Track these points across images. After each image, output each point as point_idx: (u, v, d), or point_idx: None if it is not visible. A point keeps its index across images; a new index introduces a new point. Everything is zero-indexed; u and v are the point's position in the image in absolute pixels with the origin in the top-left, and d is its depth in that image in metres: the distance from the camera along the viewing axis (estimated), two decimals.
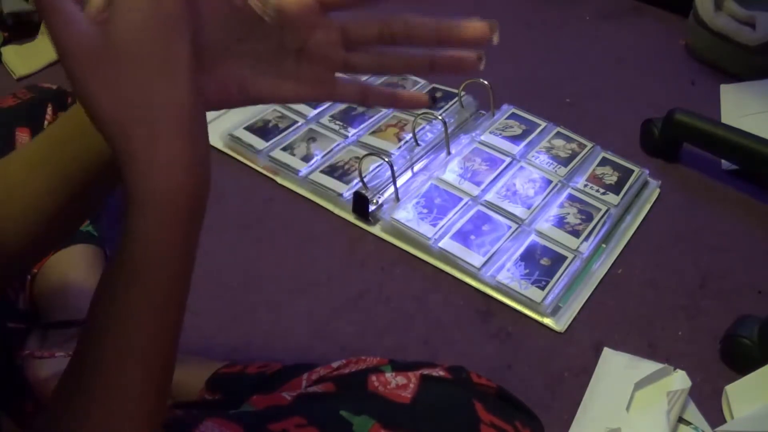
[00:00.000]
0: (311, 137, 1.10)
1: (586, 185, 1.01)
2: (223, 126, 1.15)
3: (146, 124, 0.35)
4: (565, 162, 1.04)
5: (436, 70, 0.45)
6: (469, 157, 1.05)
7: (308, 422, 0.50)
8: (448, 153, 1.06)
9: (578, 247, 0.92)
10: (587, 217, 0.96)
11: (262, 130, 1.12)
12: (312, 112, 1.16)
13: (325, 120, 1.14)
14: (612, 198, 0.98)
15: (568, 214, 0.96)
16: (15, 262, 0.50)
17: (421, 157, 1.07)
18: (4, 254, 0.48)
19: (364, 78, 0.47)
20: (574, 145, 1.07)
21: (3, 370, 0.64)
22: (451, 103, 1.15)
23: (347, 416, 0.49)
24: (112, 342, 0.38)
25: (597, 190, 1.00)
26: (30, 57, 1.37)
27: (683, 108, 1.05)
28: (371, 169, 1.02)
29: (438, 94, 1.18)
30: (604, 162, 1.05)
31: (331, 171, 1.04)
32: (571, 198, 0.99)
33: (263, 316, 0.88)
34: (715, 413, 0.75)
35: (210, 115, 1.26)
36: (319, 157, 1.07)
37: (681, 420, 0.74)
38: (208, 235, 1.00)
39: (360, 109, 1.16)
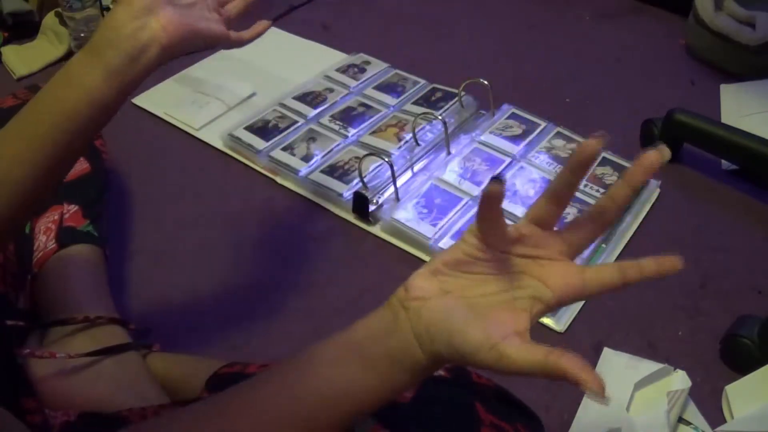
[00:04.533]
0: (311, 137, 1.10)
1: (586, 185, 1.01)
2: (223, 126, 1.15)
3: None
4: (565, 162, 1.04)
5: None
6: (469, 157, 1.05)
7: None
8: (448, 153, 1.06)
9: None
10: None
11: (262, 130, 1.12)
12: (312, 112, 1.16)
13: (325, 120, 1.14)
14: None
15: (568, 214, 0.96)
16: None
17: (421, 157, 1.07)
18: None
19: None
20: (574, 145, 1.07)
21: (3, 369, 0.64)
22: (451, 103, 1.15)
23: None
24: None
25: (597, 190, 1.00)
26: (30, 57, 1.37)
27: (683, 108, 1.05)
28: (371, 169, 1.02)
29: (438, 94, 1.18)
30: (604, 162, 1.05)
31: (331, 171, 1.04)
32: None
33: (263, 316, 0.88)
34: (715, 413, 0.75)
35: (210, 114, 1.27)
36: (319, 157, 1.07)
37: (681, 420, 0.74)
38: (209, 235, 1.00)
39: (360, 109, 1.16)
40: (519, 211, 0.96)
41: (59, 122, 0.54)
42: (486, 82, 1.09)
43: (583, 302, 0.87)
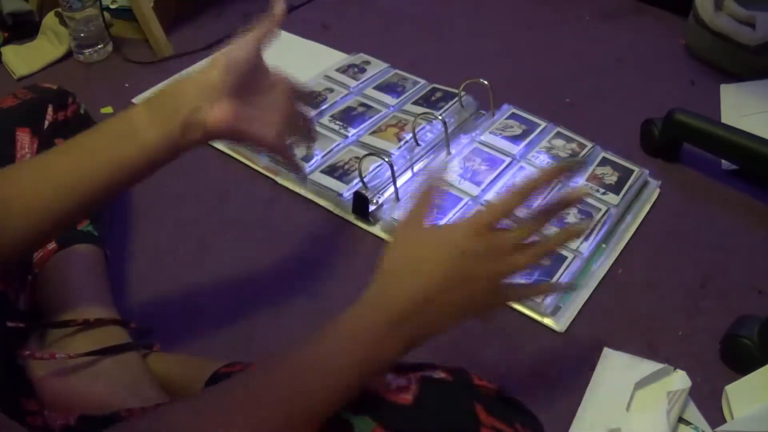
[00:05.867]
0: None
1: (586, 185, 1.01)
2: None
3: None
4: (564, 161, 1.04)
5: None
6: (469, 157, 1.05)
7: None
8: (448, 153, 1.06)
9: (578, 247, 0.92)
10: (587, 217, 0.96)
11: None
12: (312, 112, 1.16)
13: (325, 120, 1.14)
14: (612, 198, 0.98)
15: (568, 214, 0.96)
16: (16, 250, 0.58)
17: (421, 157, 1.07)
18: (7, 243, 0.56)
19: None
20: (574, 145, 1.07)
21: (4, 370, 0.64)
22: (451, 103, 1.15)
23: (347, 416, 0.49)
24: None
25: (597, 190, 1.00)
26: (30, 57, 1.37)
27: (683, 108, 1.05)
28: (371, 169, 1.02)
29: (438, 94, 1.18)
30: (604, 162, 1.05)
31: (331, 171, 1.04)
32: None
33: (263, 316, 0.88)
34: (715, 413, 0.75)
35: None
36: (319, 157, 1.07)
37: (681, 420, 0.74)
38: (209, 235, 1.00)
39: (360, 109, 1.16)
40: (519, 211, 0.96)
41: (112, 170, 0.58)
42: (486, 82, 1.09)
43: (583, 302, 0.88)
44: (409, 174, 1.04)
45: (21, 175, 0.59)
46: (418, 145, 1.07)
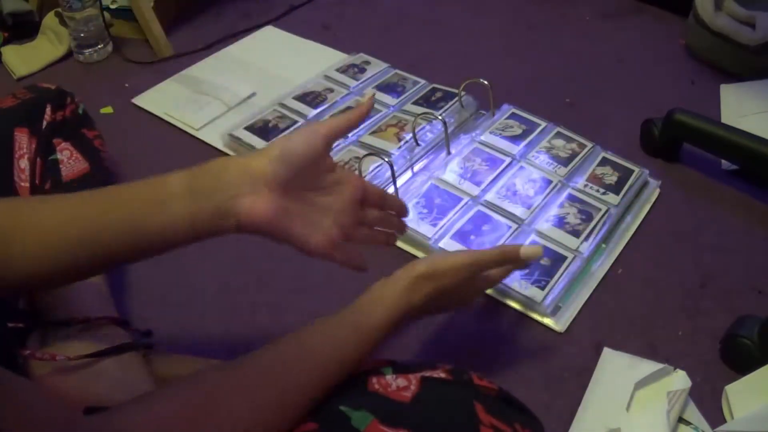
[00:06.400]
0: None
1: (586, 185, 1.01)
2: (223, 126, 1.15)
3: None
4: (565, 162, 1.04)
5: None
6: (469, 157, 1.05)
7: (308, 417, 0.50)
8: (448, 153, 1.06)
9: (578, 247, 0.92)
10: (587, 217, 0.96)
11: (262, 130, 1.12)
12: (312, 112, 1.16)
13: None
14: (612, 198, 0.98)
15: (568, 214, 0.96)
16: (13, 283, 0.54)
17: (421, 157, 1.07)
18: (5, 273, 0.52)
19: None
20: (574, 145, 1.07)
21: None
22: (451, 103, 1.15)
23: (346, 411, 0.49)
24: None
25: (597, 190, 1.00)
26: (30, 57, 1.37)
27: (683, 108, 1.05)
28: (371, 169, 1.02)
29: (438, 94, 1.18)
30: (604, 162, 1.05)
31: None
32: (571, 198, 0.99)
33: (263, 316, 0.88)
34: (715, 413, 0.75)
35: (210, 114, 1.26)
36: None
37: (681, 420, 0.74)
38: None
39: None
40: (519, 211, 0.96)
41: (126, 235, 0.53)
42: (486, 82, 1.09)
43: (583, 302, 0.88)
44: (409, 174, 1.04)
45: (26, 208, 0.55)
46: (418, 145, 1.07)
